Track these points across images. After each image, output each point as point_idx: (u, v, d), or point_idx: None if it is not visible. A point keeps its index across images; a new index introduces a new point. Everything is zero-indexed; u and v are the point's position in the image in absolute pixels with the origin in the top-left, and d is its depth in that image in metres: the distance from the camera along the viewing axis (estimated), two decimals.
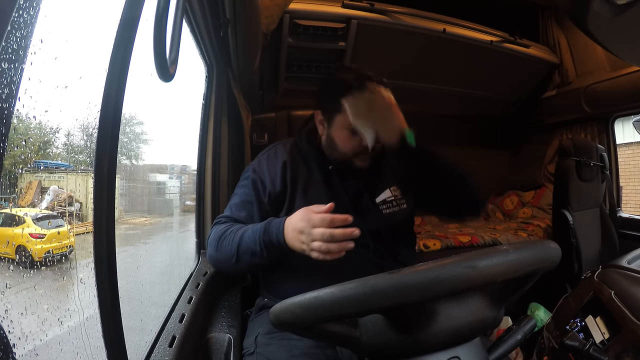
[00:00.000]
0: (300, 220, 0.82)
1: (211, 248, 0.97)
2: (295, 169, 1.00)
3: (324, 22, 1.90)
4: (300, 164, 1.01)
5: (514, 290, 0.56)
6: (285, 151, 1.03)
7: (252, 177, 1.01)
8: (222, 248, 0.93)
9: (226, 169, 1.39)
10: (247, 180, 1.02)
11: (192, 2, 1.00)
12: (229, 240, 0.92)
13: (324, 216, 0.79)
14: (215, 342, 0.87)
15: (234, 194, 1.05)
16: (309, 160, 1.01)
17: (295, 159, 1.01)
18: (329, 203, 0.81)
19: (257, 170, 1.02)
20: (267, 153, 1.06)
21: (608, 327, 0.97)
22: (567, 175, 1.82)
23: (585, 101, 2.28)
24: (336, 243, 0.78)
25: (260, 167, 1.02)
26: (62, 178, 0.85)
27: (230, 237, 0.93)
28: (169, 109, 1.25)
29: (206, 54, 1.29)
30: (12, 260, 0.60)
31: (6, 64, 0.36)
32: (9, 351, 0.38)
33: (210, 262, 1.01)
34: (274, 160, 1.02)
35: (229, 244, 0.92)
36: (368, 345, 0.53)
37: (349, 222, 0.80)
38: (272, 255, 0.88)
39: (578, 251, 1.79)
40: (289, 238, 0.84)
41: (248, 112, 1.59)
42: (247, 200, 1.00)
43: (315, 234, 0.79)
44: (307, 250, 0.81)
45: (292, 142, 1.05)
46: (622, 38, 0.97)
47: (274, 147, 1.07)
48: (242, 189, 1.03)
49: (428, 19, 2.03)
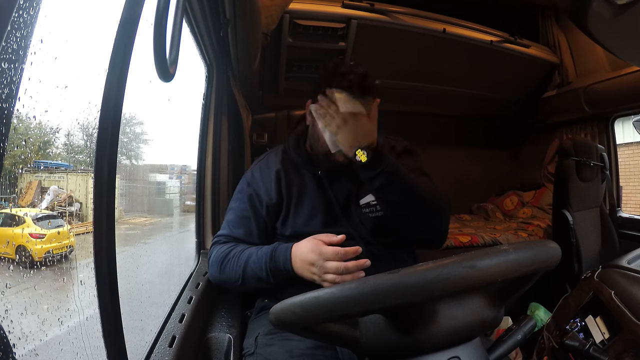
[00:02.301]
0: (310, 252, 0.82)
1: (213, 269, 0.96)
2: (288, 178, 0.99)
3: (324, 22, 1.90)
4: (292, 172, 1.00)
5: (514, 290, 0.56)
6: (277, 160, 1.02)
7: (248, 191, 1.00)
8: (225, 271, 0.93)
9: (226, 169, 1.39)
10: (242, 194, 1.01)
11: (192, 2, 1.00)
12: (233, 264, 0.92)
13: (337, 250, 0.80)
14: (215, 342, 0.87)
15: (229, 208, 1.04)
16: (298, 167, 1.01)
17: (286, 167, 1.01)
18: (340, 235, 0.83)
19: (251, 183, 1.01)
20: (259, 164, 1.05)
21: (608, 327, 0.97)
22: (567, 175, 1.82)
23: (585, 101, 2.28)
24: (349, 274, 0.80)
25: (255, 180, 1.01)
26: (62, 178, 0.86)
27: (234, 261, 0.92)
28: (169, 109, 1.25)
29: (206, 54, 1.29)
30: (12, 260, 0.60)
31: (6, 64, 0.36)
32: (9, 351, 0.38)
33: (214, 281, 1.00)
34: (266, 170, 1.01)
35: (233, 267, 0.92)
36: (368, 345, 0.53)
37: (359, 252, 0.81)
38: (279, 280, 0.88)
39: (578, 251, 1.79)
40: (297, 267, 0.85)
41: (248, 112, 1.59)
42: (244, 215, 0.99)
43: (329, 267, 0.80)
44: (319, 281, 0.82)
45: (283, 149, 1.05)
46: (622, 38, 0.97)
47: (266, 157, 1.06)
48: (237, 203, 1.02)
49: (428, 19, 2.03)
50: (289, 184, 0.99)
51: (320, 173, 0.98)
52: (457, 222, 2.60)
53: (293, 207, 0.97)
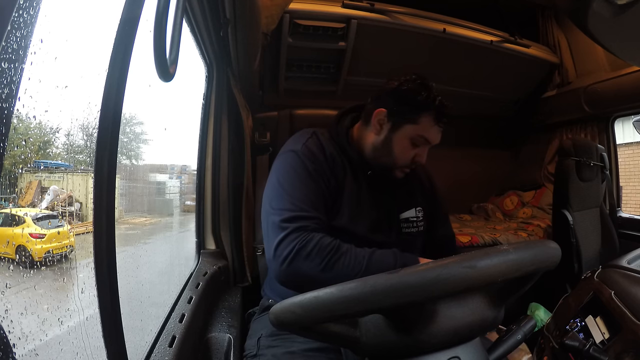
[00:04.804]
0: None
1: (311, 264, 0.80)
2: (342, 166, 0.96)
3: (324, 22, 1.90)
4: (345, 162, 0.97)
5: (514, 290, 0.56)
6: (327, 142, 0.97)
7: (312, 167, 0.90)
8: (336, 267, 0.80)
9: (226, 169, 1.39)
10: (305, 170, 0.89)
11: (192, 2, 0.99)
12: (350, 259, 0.81)
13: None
14: (215, 342, 0.87)
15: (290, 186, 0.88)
16: (351, 159, 0.97)
17: (339, 154, 0.97)
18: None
19: (312, 159, 0.91)
20: (310, 140, 0.96)
21: (608, 327, 0.97)
22: (567, 175, 1.82)
23: (585, 101, 2.28)
24: None
25: (315, 156, 0.92)
26: (62, 178, 0.85)
27: (350, 256, 0.82)
28: (169, 109, 1.25)
29: (206, 54, 1.29)
30: (12, 260, 0.60)
31: (6, 64, 0.36)
32: (9, 351, 0.37)
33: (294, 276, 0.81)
34: (322, 149, 0.95)
35: (350, 263, 0.81)
36: (368, 345, 0.53)
37: None
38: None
39: (578, 251, 1.79)
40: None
41: (248, 111, 1.59)
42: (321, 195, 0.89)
43: None
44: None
45: (329, 136, 0.99)
46: (622, 38, 0.97)
47: (314, 135, 0.98)
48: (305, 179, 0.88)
49: (428, 19, 2.03)
50: (343, 172, 0.95)
51: (370, 173, 0.98)
52: (457, 222, 2.60)
53: (345, 198, 0.94)
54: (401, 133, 0.94)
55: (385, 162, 0.96)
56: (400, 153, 0.95)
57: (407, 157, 0.95)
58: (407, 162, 0.96)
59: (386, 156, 0.96)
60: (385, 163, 0.96)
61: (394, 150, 0.95)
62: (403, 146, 0.94)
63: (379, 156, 0.96)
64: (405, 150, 0.95)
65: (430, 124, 0.93)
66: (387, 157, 0.96)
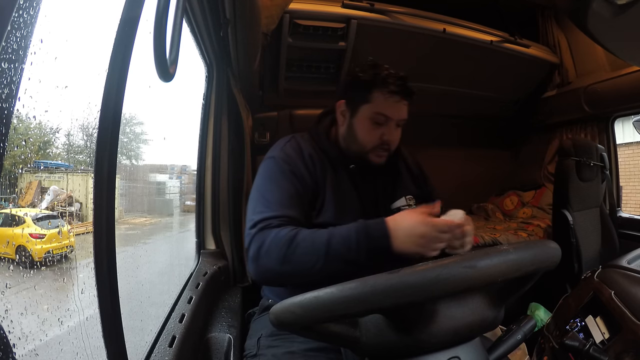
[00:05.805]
0: (420, 224, 0.79)
1: (272, 258, 0.80)
2: (322, 165, 0.97)
3: (324, 22, 1.90)
4: (325, 161, 0.98)
5: (514, 290, 0.56)
6: (306, 144, 0.99)
7: (288, 168, 0.91)
8: (295, 257, 0.80)
9: (226, 169, 1.39)
10: (282, 173, 0.91)
11: (192, 2, 1.00)
12: (307, 248, 0.80)
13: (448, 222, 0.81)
14: (215, 342, 0.87)
15: (265, 189, 0.91)
16: (330, 157, 0.99)
17: (318, 154, 0.98)
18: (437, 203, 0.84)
19: (288, 162, 0.93)
20: (289, 145, 0.98)
21: (608, 327, 0.97)
22: (567, 175, 1.82)
23: (585, 101, 2.28)
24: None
25: (290, 158, 0.94)
26: (62, 178, 0.85)
27: (307, 244, 0.80)
28: (169, 109, 1.25)
29: (206, 54, 1.29)
30: (12, 260, 0.60)
31: (6, 64, 0.36)
32: (9, 351, 0.38)
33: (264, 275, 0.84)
34: (299, 151, 0.96)
35: (307, 252, 0.80)
36: (368, 345, 0.53)
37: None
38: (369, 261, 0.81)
39: (578, 251, 1.79)
40: (400, 241, 0.80)
41: (248, 111, 1.59)
42: (293, 194, 0.90)
43: (444, 238, 0.81)
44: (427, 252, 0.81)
45: (309, 137, 1.02)
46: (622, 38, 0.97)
47: (292, 139, 1.01)
48: (280, 181, 0.90)
49: (428, 19, 2.03)
50: (323, 170, 0.96)
51: (352, 167, 0.98)
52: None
53: (328, 195, 0.95)
54: (360, 116, 0.96)
55: (355, 149, 0.98)
56: (365, 135, 0.95)
57: (374, 139, 0.95)
58: (376, 144, 0.96)
59: (354, 143, 0.97)
60: (357, 151, 0.97)
61: (358, 135, 0.96)
62: (365, 128, 0.95)
63: (349, 145, 0.99)
64: (369, 132, 0.95)
65: (383, 99, 0.93)
66: (355, 143, 0.97)
